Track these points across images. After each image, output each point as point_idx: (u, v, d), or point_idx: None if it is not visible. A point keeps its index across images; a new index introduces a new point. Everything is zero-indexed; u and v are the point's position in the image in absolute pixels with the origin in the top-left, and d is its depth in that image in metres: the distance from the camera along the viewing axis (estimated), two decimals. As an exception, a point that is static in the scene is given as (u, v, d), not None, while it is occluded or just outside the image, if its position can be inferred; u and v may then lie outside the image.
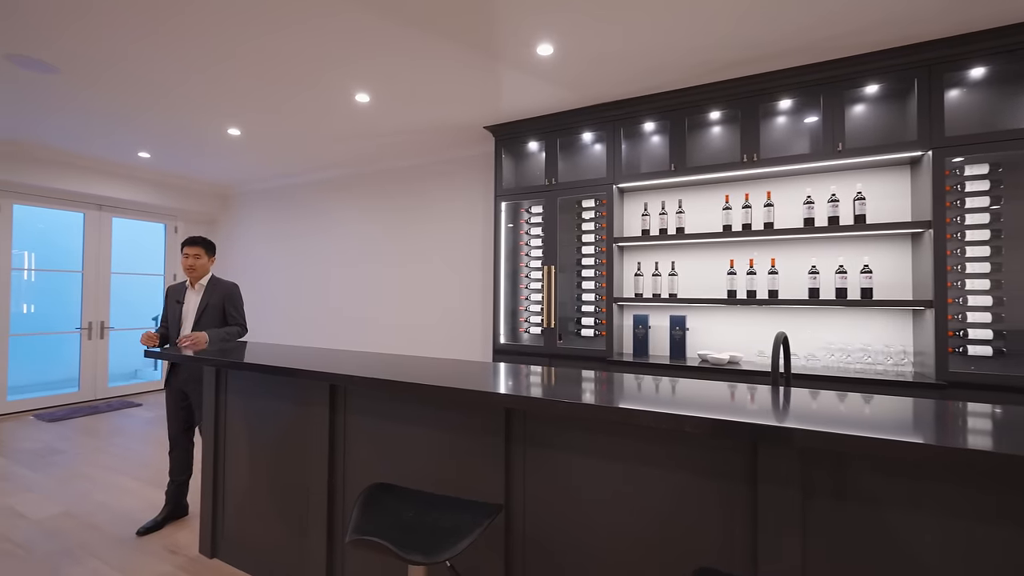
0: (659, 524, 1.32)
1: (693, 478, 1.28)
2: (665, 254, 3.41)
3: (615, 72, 2.89)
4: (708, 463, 1.27)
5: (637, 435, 1.35)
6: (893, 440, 0.96)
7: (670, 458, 1.31)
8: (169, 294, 2.75)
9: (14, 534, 2.43)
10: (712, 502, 1.26)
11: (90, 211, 5.35)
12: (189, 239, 2.72)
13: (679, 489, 1.30)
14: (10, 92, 3.32)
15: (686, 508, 1.29)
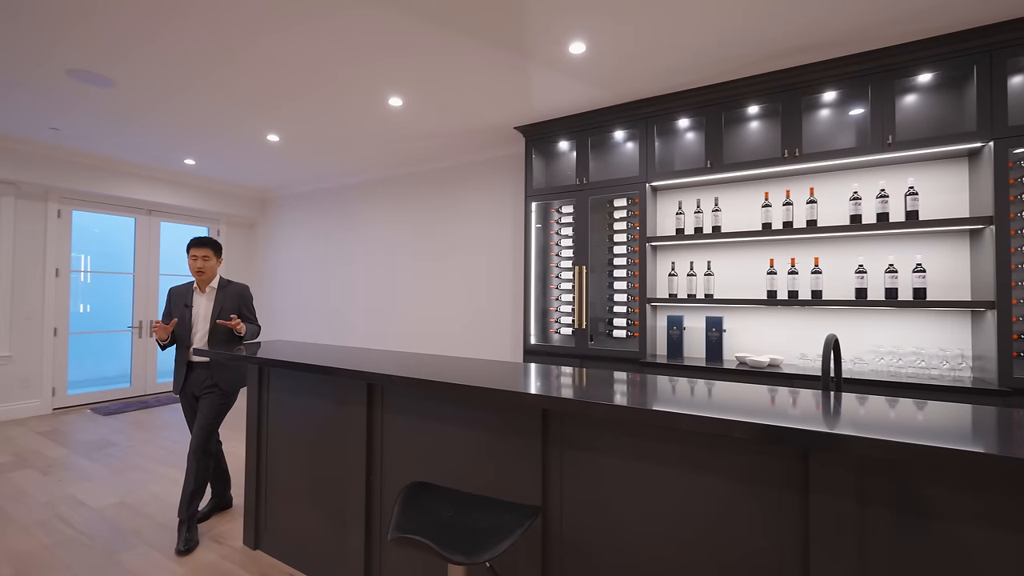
0: (702, 532, 1.28)
1: (737, 485, 1.24)
2: (700, 253, 3.32)
3: (649, 68, 2.84)
4: (754, 470, 1.22)
5: (677, 439, 1.32)
6: (964, 451, 0.90)
7: (712, 464, 1.27)
8: (173, 297, 2.59)
9: (77, 521, 2.58)
10: (758, 511, 1.21)
11: (140, 216, 5.64)
12: (197, 240, 2.57)
13: (722, 496, 1.26)
14: (72, 106, 3.53)
15: (730, 516, 1.25)
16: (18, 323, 4.68)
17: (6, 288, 4.60)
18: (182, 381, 2.52)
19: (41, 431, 4.23)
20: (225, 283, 2.65)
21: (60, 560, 2.22)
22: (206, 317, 2.57)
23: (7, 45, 2.67)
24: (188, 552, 2.29)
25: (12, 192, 4.63)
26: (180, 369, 2.54)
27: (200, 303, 2.58)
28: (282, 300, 6.34)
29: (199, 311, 2.57)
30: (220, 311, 2.55)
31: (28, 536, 2.42)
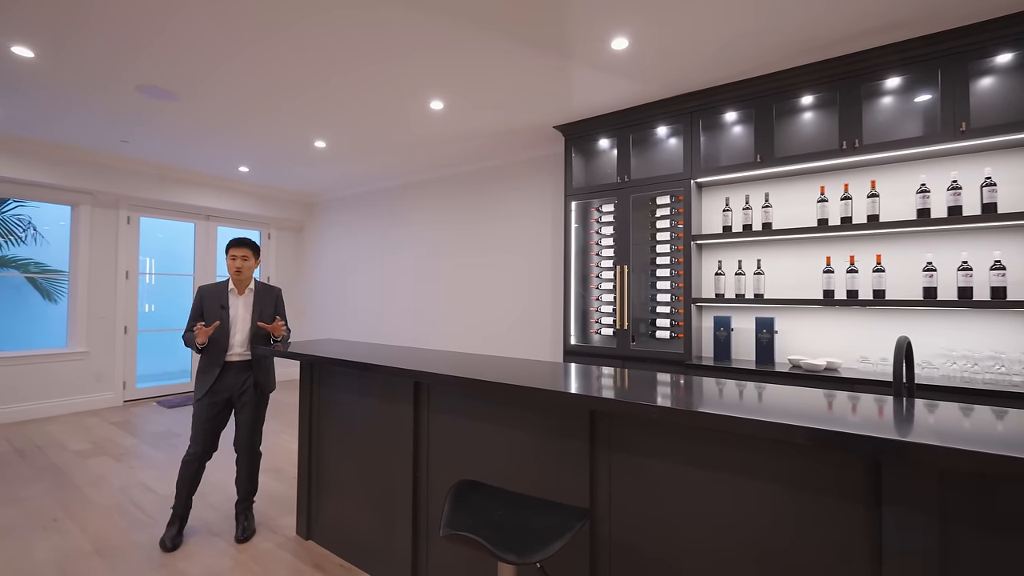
0: (759, 543, 1.23)
1: (798, 494, 1.18)
2: (750, 251, 3.19)
3: (694, 61, 2.75)
4: (817, 479, 1.16)
5: (734, 444, 1.27)
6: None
7: (772, 471, 1.22)
8: (205, 297, 2.48)
9: (147, 506, 2.77)
10: (822, 523, 1.15)
11: (199, 221, 6.00)
12: (237, 240, 2.53)
13: (783, 506, 1.20)
14: (140, 119, 3.80)
15: (791, 528, 1.19)
16: (93, 322, 5.07)
17: (83, 290, 5.00)
18: (211, 383, 2.40)
19: (114, 421, 4.56)
20: (261, 286, 2.61)
21: (133, 541, 2.38)
22: (245, 319, 2.51)
23: (85, 66, 2.89)
24: (246, 540, 2.41)
25: (89, 201, 5.02)
26: (212, 371, 2.41)
27: (237, 305, 2.52)
28: (327, 300, 6.57)
29: (237, 312, 2.50)
30: (260, 314, 2.52)
31: (106, 518, 2.62)
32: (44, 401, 4.74)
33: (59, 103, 3.49)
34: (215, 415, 2.43)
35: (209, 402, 2.41)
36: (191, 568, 2.16)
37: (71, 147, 4.60)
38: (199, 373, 2.45)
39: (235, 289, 2.55)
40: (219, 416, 2.45)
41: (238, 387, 2.46)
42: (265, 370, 2.55)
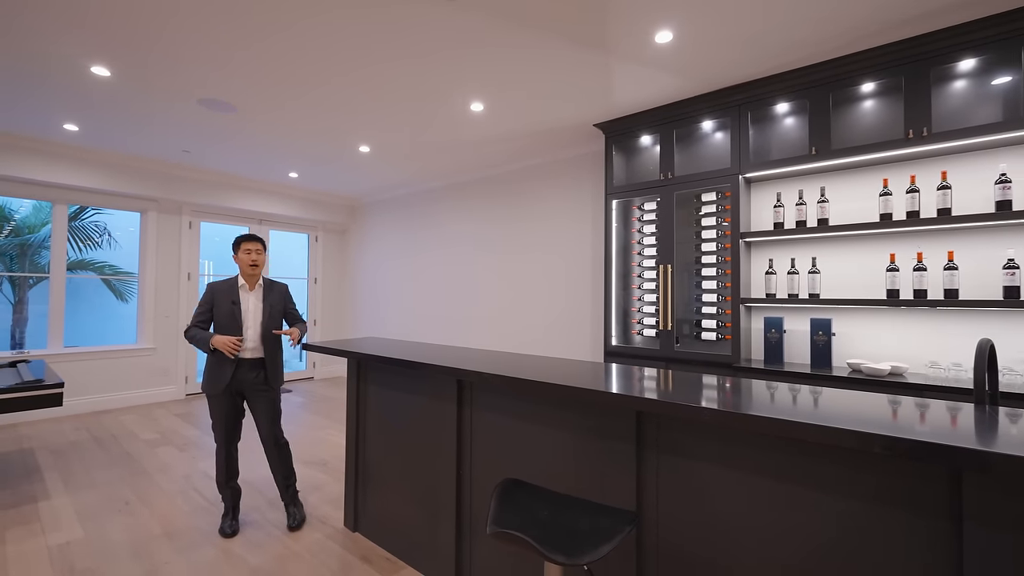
0: (818, 555, 1.16)
1: (865, 506, 1.11)
2: (804, 249, 3.03)
3: (742, 52, 2.65)
4: (887, 490, 1.08)
5: (793, 451, 1.20)
6: None
7: (833, 480, 1.14)
8: (216, 293, 2.49)
9: (208, 493, 2.94)
10: (893, 537, 1.07)
11: (253, 225, 6.32)
12: (249, 235, 2.55)
13: (846, 517, 1.13)
14: (200, 130, 4.05)
15: (855, 540, 1.11)
16: (159, 320, 5.45)
17: (150, 290, 5.38)
18: (228, 380, 2.42)
19: (177, 413, 4.88)
20: (268, 282, 2.62)
21: (196, 526, 2.54)
22: (256, 315, 2.52)
23: (153, 82, 3.11)
24: (299, 528, 2.51)
25: (155, 208, 5.40)
26: (227, 367, 2.42)
27: (248, 300, 2.52)
28: (369, 300, 6.77)
29: (248, 308, 2.51)
30: (271, 309, 2.55)
31: (172, 503, 2.80)
32: (117, 393, 5.13)
33: (130, 118, 3.78)
34: (231, 409, 2.49)
35: (224, 398, 2.45)
36: (248, 554, 2.28)
37: (140, 158, 4.96)
38: (211, 368, 2.46)
39: (246, 285, 2.55)
40: (235, 409, 2.51)
41: (250, 383, 2.49)
42: (276, 365, 2.58)
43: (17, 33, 2.55)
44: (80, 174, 4.69)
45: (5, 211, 6.17)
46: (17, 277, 6.35)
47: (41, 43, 2.65)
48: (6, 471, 3.26)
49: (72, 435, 4.11)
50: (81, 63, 2.88)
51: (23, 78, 3.09)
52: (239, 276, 2.58)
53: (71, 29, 2.51)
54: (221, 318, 2.47)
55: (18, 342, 6.18)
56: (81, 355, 4.91)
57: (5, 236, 6.17)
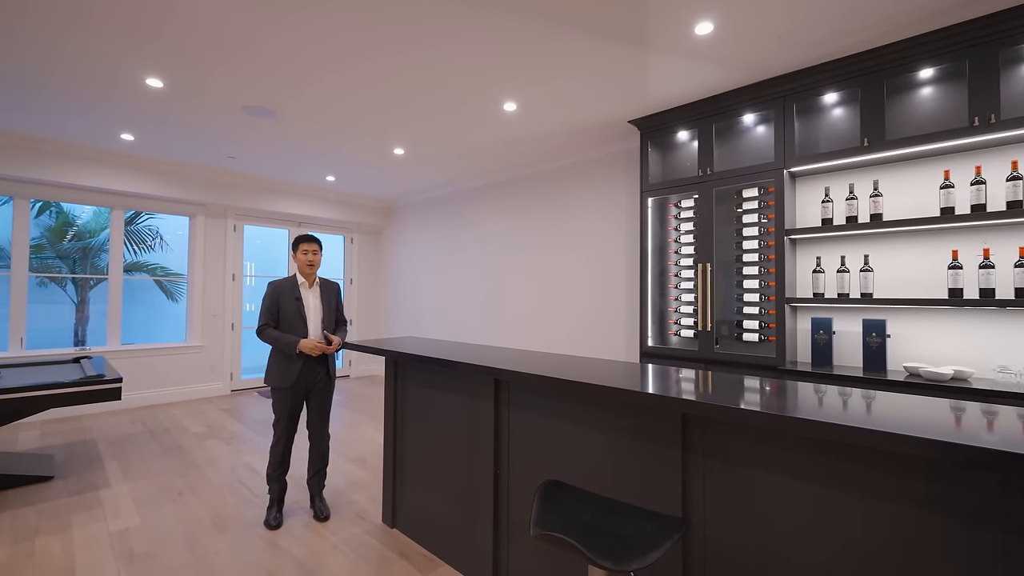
0: (874, 568, 1.09)
1: (930, 518, 1.03)
2: (855, 246, 2.88)
3: (788, 41, 2.54)
4: (953, 502, 1.00)
5: (852, 458, 1.13)
6: None
7: (893, 489, 1.07)
8: (279, 291, 2.61)
9: (253, 486, 3.05)
10: (961, 554, 0.99)
11: (292, 227, 6.54)
12: (307, 236, 2.69)
13: (907, 529, 1.05)
14: (244, 137, 4.21)
15: (915, 553, 1.04)
16: (206, 319, 5.71)
17: (198, 290, 5.64)
18: (296, 375, 2.55)
19: (223, 408, 5.10)
20: (324, 280, 2.77)
21: (243, 517, 2.63)
22: (316, 312, 2.67)
23: (201, 91, 3.26)
24: (325, 520, 2.60)
25: (203, 212, 5.66)
26: (294, 363, 2.55)
27: (309, 297, 2.68)
28: (402, 300, 6.89)
29: (309, 305, 2.66)
30: (328, 307, 2.72)
31: (220, 495, 2.92)
32: (168, 388, 5.40)
33: (180, 126, 3.97)
34: (296, 403, 2.60)
35: (292, 393, 2.57)
36: (291, 546, 2.35)
37: (189, 165, 5.21)
38: (279, 364, 2.57)
39: (305, 283, 2.69)
40: (299, 403, 2.62)
41: (314, 377, 2.64)
42: (333, 362, 2.77)
43: (83, 50, 2.72)
44: (135, 181, 4.97)
45: (69, 217, 6.60)
46: (79, 279, 6.79)
47: (105, 59, 2.82)
48: (72, 460, 3.49)
49: (128, 427, 4.35)
50: (138, 75, 3.04)
51: (87, 93, 3.30)
52: (297, 275, 2.71)
53: (132, 44, 2.65)
54: (287, 315, 2.61)
55: (81, 339, 6.60)
56: (136, 352, 5.20)
57: (69, 240, 6.60)
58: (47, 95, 3.37)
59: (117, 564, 2.19)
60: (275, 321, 2.60)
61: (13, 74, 3.04)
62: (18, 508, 2.72)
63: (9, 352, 4.56)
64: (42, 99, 3.44)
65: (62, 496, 2.88)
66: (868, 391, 1.39)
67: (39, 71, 3.00)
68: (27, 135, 4.26)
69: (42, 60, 2.85)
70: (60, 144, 4.47)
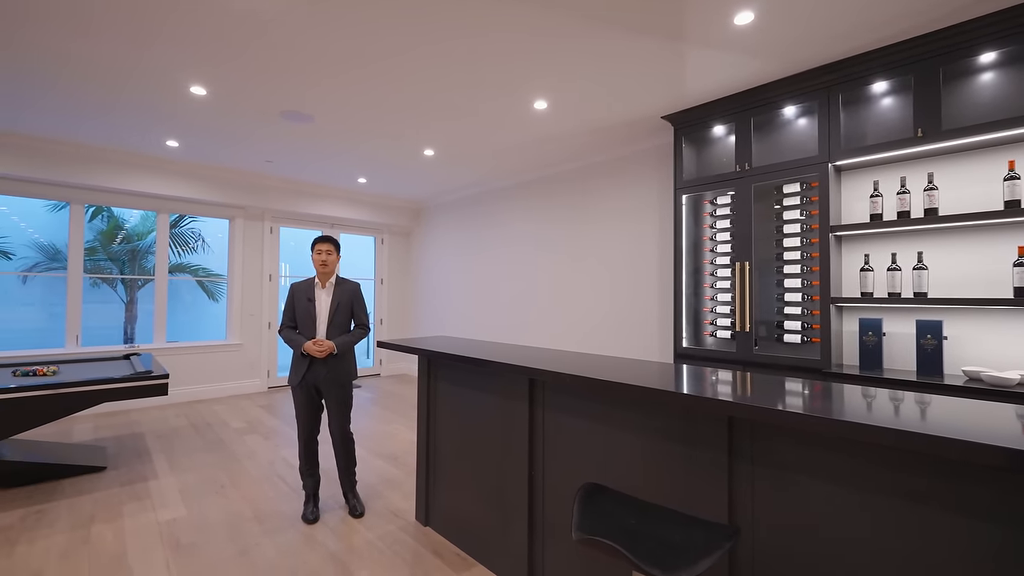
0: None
1: (1003, 533, 0.95)
2: (907, 242, 2.73)
3: (833, 29, 2.42)
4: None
5: (921, 468, 1.06)
6: None
7: (967, 500, 0.99)
8: (296, 292, 2.72)
9: (290, 480, 3.13)
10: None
11: (325, 229, 6.69)
12: (323, 237, 2.74)
13: (982, 544, 0.97)
14: (281, 141, 4.34)
15: (986, 573, 0.96)
16: (245, 318, 5.90)
17: (237, 291, 5.85)
18: (303, 372, 2.60)
19: (261, 404, 5.26)
20: (341, 280, 2.80)
21: (281, 510, 2.70)
22: (327, 310, 2.71)
23: (241, 98, 3.36)
24: (360, 516, 2.63)
25: (242, 215, 5.86)
26: (304, 360, 2.61)
27: (321, 298, 2.72)
28: (430, 299, 6.95)
29: (321, 305, 2.70)
30: (337, 305, 2.71)
31: (259, 488, 3.01)
32: (210, 384, 5.62)
33: (221, 132, 4.12)
34: (308, 401, 2.65)
35: (303, 389, 2.63)
36: (328, 541, 2.39)
37: (229, 169, 5.40)
38: (293, 363, 2.67)
39: (319, 283, 2.75)
40: (312, 401, 2.66)
41: (322, 377, 2.64)
42: (346, 360, 2.71)
43: (132, 62, 2.85)
44: (179, 185, 5.19)
45: (119, 221, 6.96)
46: (128, 279, 7.14)
47: (153, 69, 2.94)
48: (122, 452, 3.66)
49: (174, 421, 4.55)
50: (183, 83, 3.17)
51: (136, 102, 3.46)
52: (315, 275, 2.77)
53: (177, 53, 2.76)
54: (300, 315, 2.70)
55: (130, 337, 6.95)
56: (180, 349, 5.43)
57: (119, 243, 6.96)
58: (101, 106, 3.55)
59: (165, 553, 2.28)
60: (292, 322, 2.71)
61: (72, 87, 3.21)
62: (75, 497, 2.87)
63: (66, 348, 4.83)
64: (96, 110, 3.63)
65: (114, 486, 3.02)
66: (932, 396, 1.30)
67: (95, 84, 3.16)
68: (83, 143, 4.50)
69: (97, 74, 3.00)
70: (112, 151, 4.71)
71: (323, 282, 2.76)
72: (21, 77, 3.09)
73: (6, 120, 3.90)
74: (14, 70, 3.00)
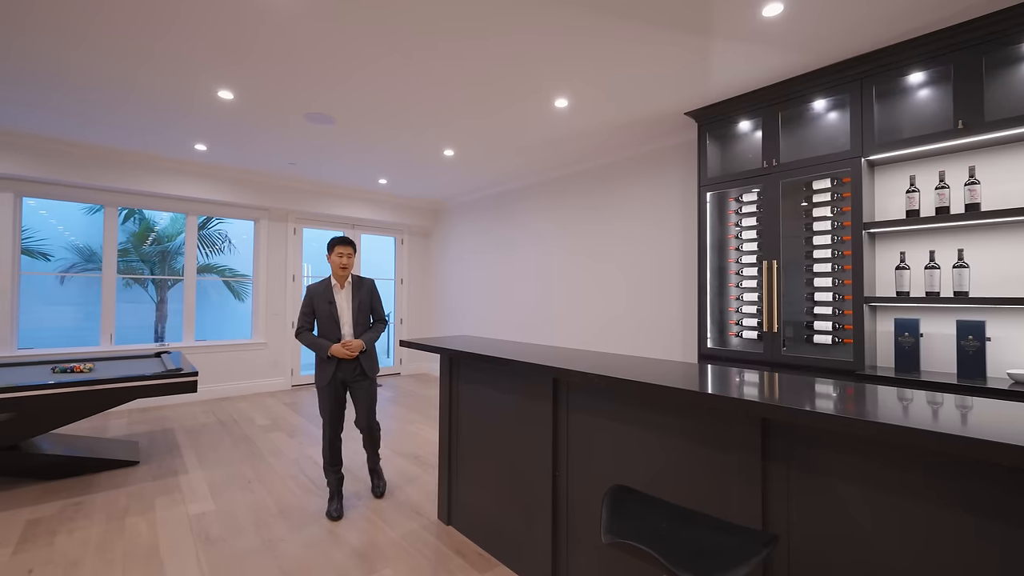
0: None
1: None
2: (946, 240, 2.61)
3: (867, 18, 2.34)
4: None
5: (963, 475, 1.01)
6: None
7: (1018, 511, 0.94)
8: (314, 295, 2.75)
9: (315, 477, 3.18)
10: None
11: (346, 229, 6.79)
12: (343, 239, 2.77)
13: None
14: (304, 143, 4.41)
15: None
16: (269, 318, 6.03)
17: (262, 291, 5.97)
18: (332, 372, 2.67)
19: (285, 402, 5.36)
20: (356, 279, 2.85)
21: (305, 506, 2.74)
22: (349, 311, 2.78)
23: (267, 101, 3.43)
24: (381, 496, 2.85)
25: (266, 216, 5.99)
26: (330, 361, 2.68)
27: (342, 299, 2.78)
28: (449, 299, 6.98)
29: (342, 306, 2.77)
30: (359, 304, 2.79)
31: (284, 485, 3.06)
32: (236, 382, 5.75)
33: (247, 135, 4.21)
34: (336, 399, 2.73)
35: (331, 389, 2.70)
36: (352, 538, 2.41)
37: (255, 171, 5.52)
38: (319, 365, 2.74)
39: (337, 284, 2.79)
40: (339, 399, 2.74)
41: (351, 373, 2.73)
42: (370, 357, 2.82)
43: (161, 68, 2.93)
44: (207, 188, 5.33)
45: (150, 223, 7.18)
46: (159, 279, 7.37)
47: (184, 74, 3.02)
48: (154, 447, 3.77)
49: (202, 418, 4.66)
50: (211, 88, 3.24)
51: (166, 106, 3.56)
52: (331, 276, 2.82)
53: (206, 58, 2.83)
54: (322, 318, 2.75)
55: (160, 335, 7.16)
56: (208, 348, 5.57)
57: (149, 245, 7.18)
58: (131, 111, 3.66)
59: (195, 546, 2.33)
60: (311, 324, 2.77)
61: (104, 94, 3.33)
62: (110, 489, 2.96)
63: (100, 346, 5.01)
64: (128, 115, 3.75)
65: (147, 480, 3.11)
66: (979, 400, 1.24)
67: (128, 89, 3.26)
68: (117, 148, 4.66)
69: (127, 78, 3.10)
70: (143, 156, 4.86)
71: (341, 283, 2.80)
72: (66, 88, 3.21)
73: (49, 126, 4.06)
74: (60, 80, 3.11)
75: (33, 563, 2.17)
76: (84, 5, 2.34)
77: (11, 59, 2.86)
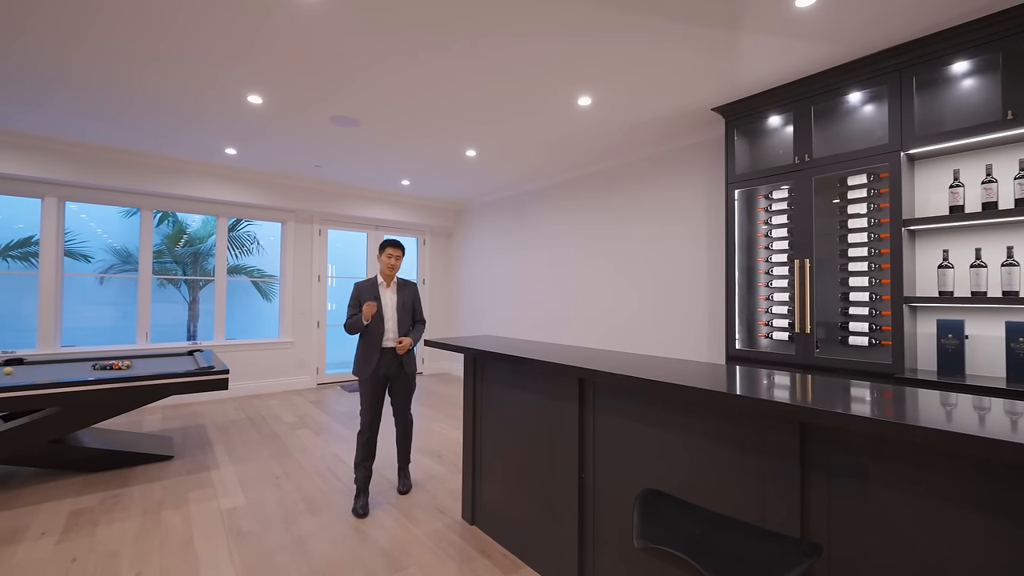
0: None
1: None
2: (994, 236, 2.48)
3: (909, 5, 2.24)
4: None
5: (1018, 483, 0.95)
6: None
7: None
8: (362, 291, 2.90)
9: (341, 475, 3.22)
10: None
11: (370, 231, 6.88)
12: (394, 242, 2.94)
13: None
14: (329, 146, 4.48)
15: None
16: (296, 317, 6.15)
17: (289, 291, 6.10)
18: (374, 366, 2.80)
19: (311, 400, 5.47)
20: (401, 280, 3.02)
21: (333, 504, 2.78)
22: (393, 308, 2.92)
23: (295, 105, 3.50)
24: (406, 493, 2.92)
25: (292, 218, 6.12)
26: (374, 355, 2.82)
27: (387, 296, 2.93)
28: (471, 299, 7.00)
29: (387, 303, 2.92)
30: (403, 304, 2.95)
31: (312, 481, 3.11)
32: (264, 380, 5.89)
33: (275, 138, 4.30)
34: (378, 392, 2.84)
35: (372, 384, 2.82)
36: (378, 536, 2.44)
37: (282, 174, 5.65)
38: (361, 358, 2.86)
39: (383, 282, 2.96)
40: (381, 394, 2.86)
41: (393, 369, 2.89)
42: (410, 354, 2.97)
43: (194, 71, 3.02)
44: (237, 191, 5.48)
45: (183, 225, 7.42)
46: (191, 280, 7.61)
47: (215, 80, 3.11)
48: (187, 442, 3.89)
49: (232, 415, 4.79)
50: (241, 94, 3.33)
51: (197, 112, 3.67)
52: (378, 275, 2.99)
53: (236, 64, 2.90)
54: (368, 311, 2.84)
55: (192, 334, 7.39)
56: (237, 347, 5.72)
57: (182, 246, 7.42)
58: (172, 118, 3.79)
59: (227, 539, 2.39)
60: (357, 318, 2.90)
61: (148, 103, 3.45)
62: (146, 483, 3.07)
63: (137, 345, 5.20)
64: (168, 122, 3.88)
65: (181, 474, 3.21)
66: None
67: (170, 98, 3.37)
68: (153, 153, 4.83)
69: (172, 89, 3.21)
70: (177, 160, 5.03)
71: (388, 282, 2.97)
72: (112, 99, 3.34)
73: (90, 133, 4.23)
74: (105, 90, 3.24)
75: (76, 552, 2.26)
76: (156, 22, 2.42)
77: (71, 72, 2.99)
